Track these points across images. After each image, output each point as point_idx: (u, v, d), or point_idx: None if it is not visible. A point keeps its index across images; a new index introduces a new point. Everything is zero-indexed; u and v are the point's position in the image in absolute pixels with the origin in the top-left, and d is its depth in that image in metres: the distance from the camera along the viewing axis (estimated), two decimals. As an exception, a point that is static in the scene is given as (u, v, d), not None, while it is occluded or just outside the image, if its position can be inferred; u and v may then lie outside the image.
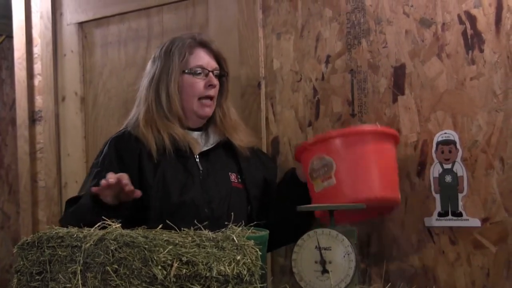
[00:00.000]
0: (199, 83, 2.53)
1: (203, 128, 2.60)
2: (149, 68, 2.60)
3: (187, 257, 1.71)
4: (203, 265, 1.72)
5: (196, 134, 2.57)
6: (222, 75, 2.60)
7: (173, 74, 2.51)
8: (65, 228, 1.91)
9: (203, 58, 2.56)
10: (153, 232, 1.89)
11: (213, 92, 2.55)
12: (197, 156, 2.52)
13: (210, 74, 2.55)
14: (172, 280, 1.68)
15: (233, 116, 2.65)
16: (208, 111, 2.56)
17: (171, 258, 1.70)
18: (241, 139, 2.60)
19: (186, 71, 2.53)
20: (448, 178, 2.48)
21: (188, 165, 2.49)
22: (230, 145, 2.58)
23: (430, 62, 2.53)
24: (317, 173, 2.38)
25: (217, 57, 2.60)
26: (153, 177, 2.44)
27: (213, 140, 2.58)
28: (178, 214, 2.38)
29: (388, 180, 2.38)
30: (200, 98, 2.54)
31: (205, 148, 2.55)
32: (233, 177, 2.57)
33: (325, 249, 2.11)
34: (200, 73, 2.54)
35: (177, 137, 2.47)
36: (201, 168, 2.50)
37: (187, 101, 2.54)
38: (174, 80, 2.51)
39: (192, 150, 2.50)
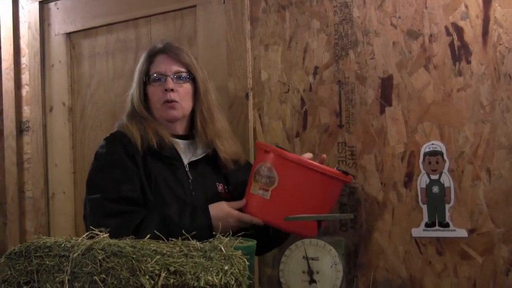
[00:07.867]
0: (158, 89, 2.53)
1: (190, 137, 2.60)
2: None
3: (174, 267, 1.71)
4: (190, 275, 1.71)
5: (183, 143, 2.56)
6: (185, 78, 2.56)
7: (138, 86, 2.57)
8: (53, 238, 1.90)
9: (161, 64, 2.56)
10: (141, 242, 1.88)
11: (171, 96, 2.52)
12: (187, 166, 2.52)
13: (168, 78, 2.52)
14: (159, 290, 1.68)
15: (218, 123, 2.61)
16: (174, 113, 2.53)
17: (158, 268, 1.69)
18: (226, 149, 2.58)
19: (146, 81, 2.56)
20: (435, 189, 2.49)
21: (178, 174, 2.48)
22: (216, 157, 2.58)
23: (417, 73, 2.54)
24: (260, 178, 2.39)
25: (180, 61, 2.57)
26: (148, 184, 2.43)
27: (201, 150, 2.57)
28: None
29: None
30: (163, 103, 2.53)
31: (194, 158, 2.55)
32: (220, 187, 2.56)
33: (312, 259, 2.11)
34: (158, 80, 2.53)
35: (164, 137, 2.48)
36: (190, 178, 2.50)
37: (154, 109, 2.55)
38: (140, 92, 2.56)
39: (182, 159, 2.51)
